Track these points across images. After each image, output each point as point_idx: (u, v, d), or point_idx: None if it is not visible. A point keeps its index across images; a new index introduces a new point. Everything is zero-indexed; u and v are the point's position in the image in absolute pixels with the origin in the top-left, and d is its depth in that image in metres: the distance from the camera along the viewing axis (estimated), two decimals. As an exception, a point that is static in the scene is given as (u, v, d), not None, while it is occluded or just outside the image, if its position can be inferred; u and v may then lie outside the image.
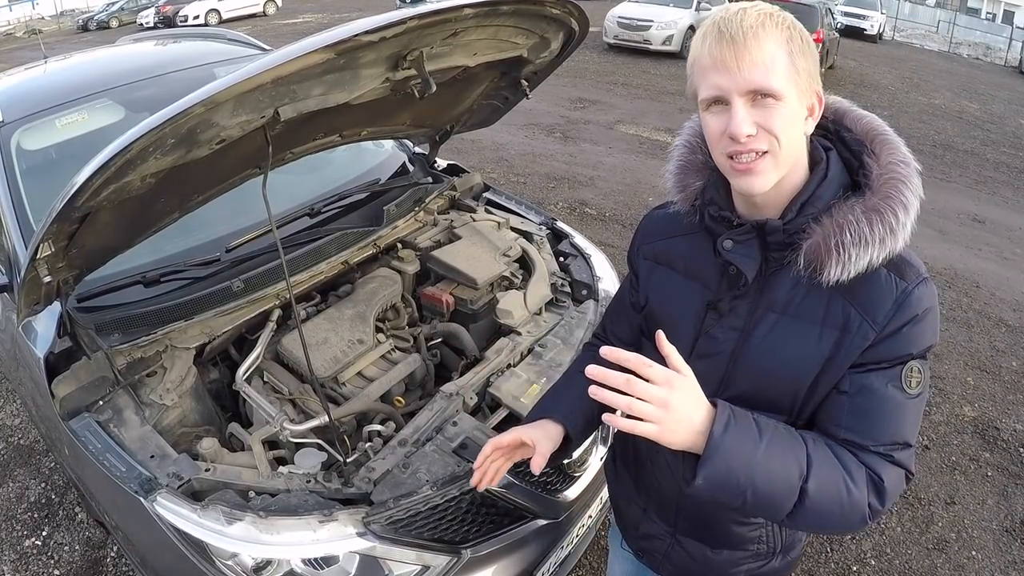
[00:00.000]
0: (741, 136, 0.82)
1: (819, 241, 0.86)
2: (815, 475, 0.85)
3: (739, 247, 0.93)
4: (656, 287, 1.10)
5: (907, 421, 0.89)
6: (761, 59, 0.81)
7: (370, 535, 1.38)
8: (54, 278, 1.39)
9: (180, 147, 1.22)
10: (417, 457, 1.54)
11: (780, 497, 0.84)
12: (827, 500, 0.85)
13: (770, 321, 0.93)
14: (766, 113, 0.83)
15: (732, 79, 0.82)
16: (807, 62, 0.84)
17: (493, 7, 1.46)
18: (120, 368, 1.65)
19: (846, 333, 0.89)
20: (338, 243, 2.09)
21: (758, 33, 0.81)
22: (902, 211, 0.85)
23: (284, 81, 1.21)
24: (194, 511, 1.37)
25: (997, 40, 19.92)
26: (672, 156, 1.06)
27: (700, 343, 1.00)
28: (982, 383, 3.45)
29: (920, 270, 0.89)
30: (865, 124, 0.93)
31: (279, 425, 1.61)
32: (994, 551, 2.48)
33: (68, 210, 1.17)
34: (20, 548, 2.38)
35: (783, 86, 0.82)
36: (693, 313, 1.01)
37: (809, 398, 0.93)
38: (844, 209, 0.86)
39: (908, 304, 0.86)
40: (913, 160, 0.89)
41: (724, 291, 0.97)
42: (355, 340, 1.86)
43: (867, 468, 0.88)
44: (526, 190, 5.60)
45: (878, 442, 0.88)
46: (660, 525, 1.18)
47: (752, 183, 0.86)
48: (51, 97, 2.32)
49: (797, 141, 0.86)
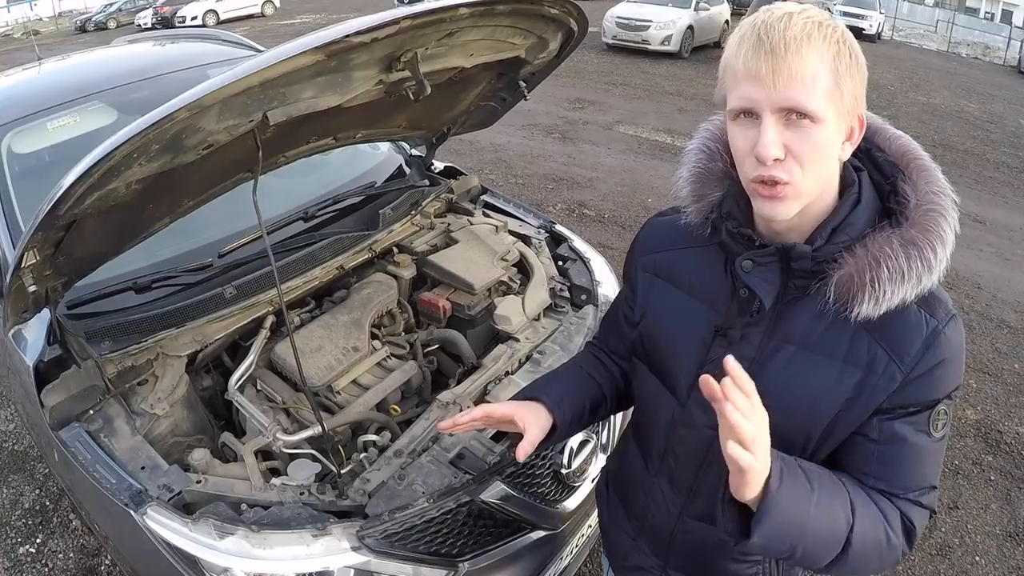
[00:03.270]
0: (768, 159, 0.76)
1: (852, 273, 0.80)
2: (859, 524, 0.81)
3: (759, 270, 0.86)
4: (655, 304, 1.02)
5: (933, 464, 0.87)
6: (801, 75, 0.73)
7: (365, 549, 1.35)
8: (40, 287, 1.36)
9: (166, 153, 1.19)
10: (413, 468, 1.51)
11: (827, 549, 0.81)
12: (868, 549, 0.82)
13: (787, 354, 0.87)
14: (798, 136, 0.76)
15: (766, 93, 0.75)
16: (854, 82, 0.76)
17: (489, 7, 1.43)
18: (111, 377, 1.62)
19: (871, 373, 0.83)
20: (333, 248, 2.06)
21: (801, 46, 0.73)
22: (940, 246, 0.79)
23: (272, 84, 1.18)
24: (185, 524, 1.34)
25: (996, 39, 19.91)
26: (687, 160, 0.97)
27: (706, 372, 0.94)
28: (984, 386, 3.43)
29: (949, 305, 0.84)
30: (899, 146, 0.87)
31: (272, 435, 1.58)
32: (997, 556, 2.45)
33: (52, 218, 1.14)
34: (14, 555, 2.36)
35: (822, 107, 0.75)
36: (698, 337, 0.94)
37: (825, 439, 0.88)
38: (880, 240, 0.80)
39: (938, 345, 0.81)
40: (951, 191, 0.83)
41: (734, 316, 0.90)
42: (350, 347, 1.83)
43: (902, 515, 0.86)
44: (525, 191, 5.58)
45: (907, 490, 0.86)
46: (651, 558, 1.11)
47: (776, 210, 0.80)
48: (43, 99, 2.30)
49: (828, 167, 0.80)
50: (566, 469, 1.62)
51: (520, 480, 1.56)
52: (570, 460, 1.62)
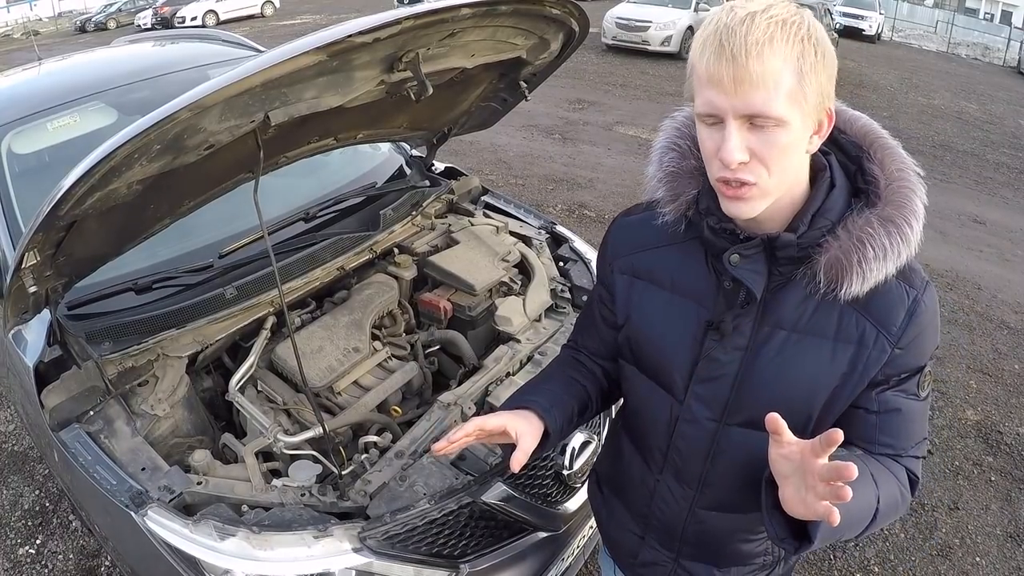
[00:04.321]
0: (731, 164, 0.76)
1: (839, 256, 0.81)
2: (882, 492, 0.86)
3: (747, 262, 0.86)
4: (639, 306, 1.01)
5: (922, 419, 0.94)
6: (763, 82, 0.72)
7: (366, 551, 1.35)
8: (40, 287, 1.36)
9: (167, 153, 1.19)
10: (414, 469, 1.51)
11: (862, 523, 0.86)
12: (890, 510, 0.89)
13: (779, 340, 0.89)
14: (762, 139, 0.76)
15: (728, 100, 0.74)
16: (820, 77, 0.75)
17: (491, 7, 1.43)
18: (111, 377, 1.62)
19: (862, 348, 0.86)
20: (333, 248, 2.05)
21: (763, 51, 0.72)
22: (915, 220, 0.83)
23: (274, 84, 1.18)
24: (186, 526, 1.33)
25: (995, 40, 19.92)
26: (655, 159, 0.97)
27: (701, 367, 0.94)
28: (984, 386, 3.43)
29: (922, 272, 0.88)
30: (860, 127, 0.90)
31: (273, 436, 1.58)
32: (998, 557, 2.45)
33: (52, 219, 1.13)
34: (14, 556, 2.35)
35: (785, 111, 0.74)
36: (689, 335, 0.94)
37: (825, 416, 0.91)
38: (860, 222, 0.82)
39: (919, 313, 0.86)
40: (915, 165, 0.87)
41: (723, 309, 0.91)
42: (351, 348, 1.83)
43: (907, 470, 0.93)
44: (525, 192, 5.57)
45: (908, 449, 0.93)
46: (661, 552, 1.12)
47: (740, 209, 0.81)
48: (43, 99, 2.29)
49: (795, 164, 0.81)
50: (568, 470, 1.61)
51: (522, 481, 1.56)
52: (571, 461, 1.61)
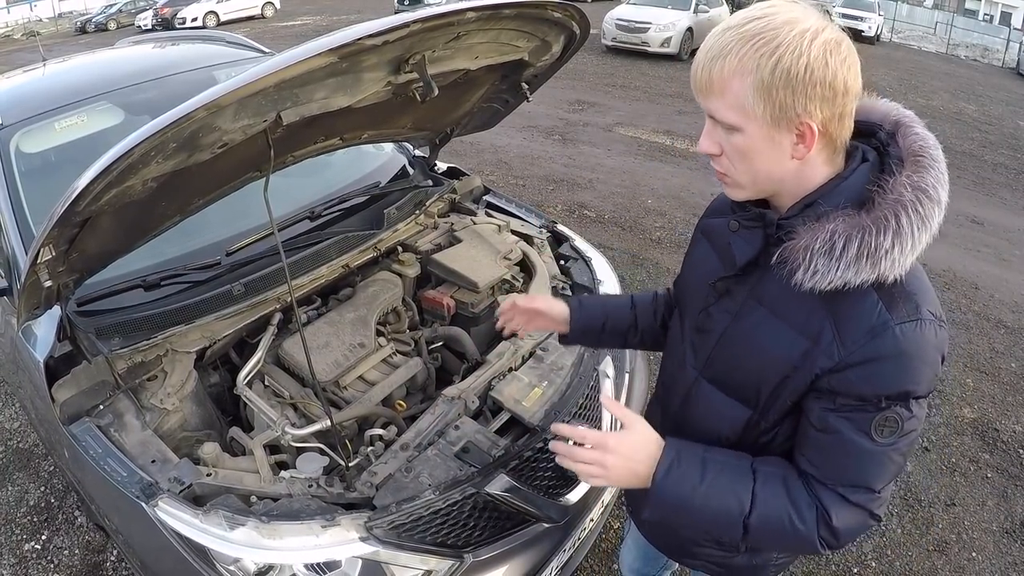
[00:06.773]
0: (701, 152, 0.89)
1: (798, 243, 0.83)
2: (758, 512, 0.90)
3: (743, 232, 0.94)
4: (690, 256, 1.14)
5: (873, 467, 0.86)
6: (721, 89, 0.80)
7: (372, 540, 1.38)
8: (54, 282, 1.38)
9: (182, 151, 1.22)
10: (419, 461, 1.54)
11: (722, 529, 0.94)
12: (771, 532, 0.91)
13: (758, 314, 0.94)
14: (725, 138, 0.85)
15: (698, 98, 0.85)
16: (790, 95, 0.76)
17: (496, 10, 1.46)
18: (120, 372, 1.64)
19: (816, 345, 0.86)
20: (338, 246, 2.08)
21: (726, 62, 0.78)
22: (891, 237, 0.78)
23: (287, 85, 1.21)
24: (196, 516, 1.36)
25: (995, 41, 19.96)
26: None
27: (701, 317, 1.03)
28: (981, 385, 3.46)
29: (919, 311, 0.81)
30: (910, 142, 0.86)
31: (280, 429, 1.60)
32: (994, 552, 2.48)
33: (69, 214, 1.16)
34: (20, 552, 2.37)
35: (735, 119, 0.81)
36: (704, 287, 1.03)
37: (772, 402, 0.94)
38: (832, 217, 0.82)
39: (884, 339, 0.80)
40: (940, 192, 0.82)
41: (727, 272, 0.99)
42: (356, 344, 1.86)
43: (818, 503, 0.89)
44: (525, 192, 5.60)
45: (834, 482, 0.88)
46: None
47: (727, 191, 0.92)
48: (50, 100, 2.32)
49: (768, 166, 0.84)
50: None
51: (524, 472, 1.59)
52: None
